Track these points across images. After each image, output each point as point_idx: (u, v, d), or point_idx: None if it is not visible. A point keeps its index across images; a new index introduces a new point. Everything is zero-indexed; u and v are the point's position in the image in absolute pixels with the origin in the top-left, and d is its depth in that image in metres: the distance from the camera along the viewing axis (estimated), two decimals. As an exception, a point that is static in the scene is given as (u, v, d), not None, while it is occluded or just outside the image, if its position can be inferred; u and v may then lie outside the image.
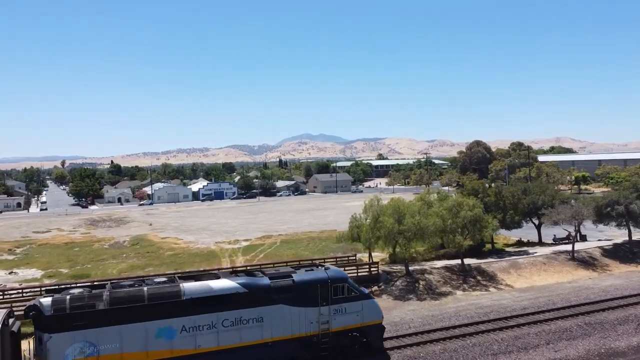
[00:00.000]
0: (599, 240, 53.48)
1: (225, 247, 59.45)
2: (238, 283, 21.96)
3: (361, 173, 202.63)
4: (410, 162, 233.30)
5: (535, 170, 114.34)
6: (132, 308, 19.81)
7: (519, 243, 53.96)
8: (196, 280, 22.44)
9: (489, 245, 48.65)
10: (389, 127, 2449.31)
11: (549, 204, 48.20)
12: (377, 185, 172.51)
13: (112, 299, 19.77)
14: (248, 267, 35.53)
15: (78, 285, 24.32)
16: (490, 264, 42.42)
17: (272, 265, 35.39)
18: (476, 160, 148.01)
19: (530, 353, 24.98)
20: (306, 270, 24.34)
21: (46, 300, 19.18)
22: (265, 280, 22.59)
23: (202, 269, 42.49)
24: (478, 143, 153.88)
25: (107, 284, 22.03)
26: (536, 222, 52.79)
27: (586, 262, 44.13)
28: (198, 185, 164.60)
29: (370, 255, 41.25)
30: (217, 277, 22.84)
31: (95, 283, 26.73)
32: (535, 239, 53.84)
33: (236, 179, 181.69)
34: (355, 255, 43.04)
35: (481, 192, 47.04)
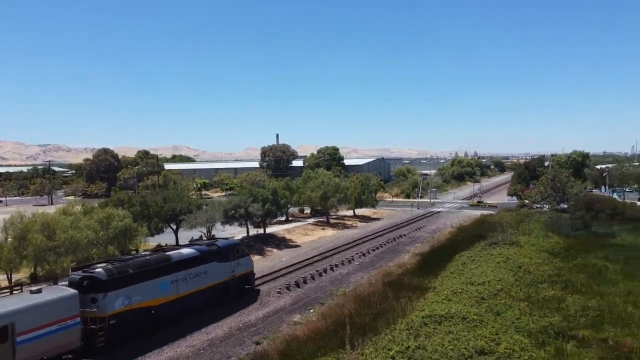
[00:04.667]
0: (225, 238, 63.33)
1: None
2: (194, 249, 33.33)
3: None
4: (25, 169, 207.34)
5: (163, 178, 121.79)
6: (147, 271, 28.81)
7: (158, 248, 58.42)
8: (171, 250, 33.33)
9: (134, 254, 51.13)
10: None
11: (187, 210, 54.51)
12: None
13: (136, 265, 28.47)
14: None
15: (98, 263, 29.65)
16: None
17: None
18: (104, 169, 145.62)
19: (188, 339, 29.43)
20: (216, 241, 37.26)
21: (100, 271, 26.30)
22: (205, 247, 34.24)
23: None
24: (106, 151, 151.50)
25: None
26: (174, 227, 58.43)
27: (218, 258, 52.24)
28: None
29: (9, 279, 37.86)
30: (180, 247, 35.01)
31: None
32: (174, 242, 59.39)
33: None
34: (-12, 280, 38.45)
35: (127, 202, 49.25)
